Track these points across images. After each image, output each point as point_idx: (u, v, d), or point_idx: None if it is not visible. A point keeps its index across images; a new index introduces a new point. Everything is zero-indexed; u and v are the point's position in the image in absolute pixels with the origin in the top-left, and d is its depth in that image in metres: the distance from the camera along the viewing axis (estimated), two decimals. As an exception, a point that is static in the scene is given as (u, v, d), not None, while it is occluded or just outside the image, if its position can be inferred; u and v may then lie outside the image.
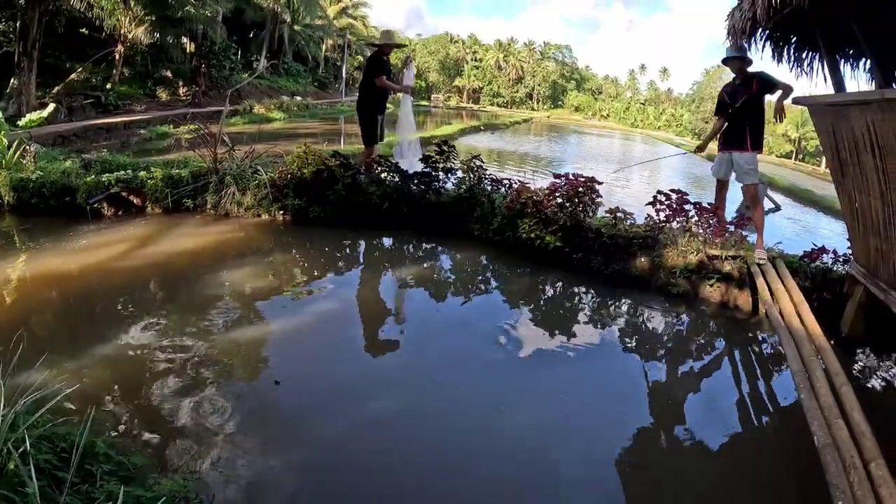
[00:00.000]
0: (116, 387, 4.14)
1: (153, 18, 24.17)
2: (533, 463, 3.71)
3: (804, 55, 6.57)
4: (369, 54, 9.46)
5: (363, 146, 9.52)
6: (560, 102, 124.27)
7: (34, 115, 10.57)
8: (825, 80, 6.16)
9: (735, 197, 7.70)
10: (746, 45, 6.44)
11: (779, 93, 6.64)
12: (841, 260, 6.49)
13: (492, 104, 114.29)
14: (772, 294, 5.68)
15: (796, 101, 6.47)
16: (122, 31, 23.45)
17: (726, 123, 7.09)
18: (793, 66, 6.65)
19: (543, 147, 32.06)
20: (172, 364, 4.48)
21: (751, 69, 6.89)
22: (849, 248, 6.16)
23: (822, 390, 3.79)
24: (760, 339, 6.02)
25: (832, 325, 5.71)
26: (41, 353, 3.97)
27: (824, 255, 6.58)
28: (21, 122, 10.45)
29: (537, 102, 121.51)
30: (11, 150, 9.30)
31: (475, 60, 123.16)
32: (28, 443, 2.28)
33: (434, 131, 25.84)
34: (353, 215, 8.47)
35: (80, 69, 23.25)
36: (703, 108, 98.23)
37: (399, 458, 3.66)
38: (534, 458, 3.76)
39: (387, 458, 3.64)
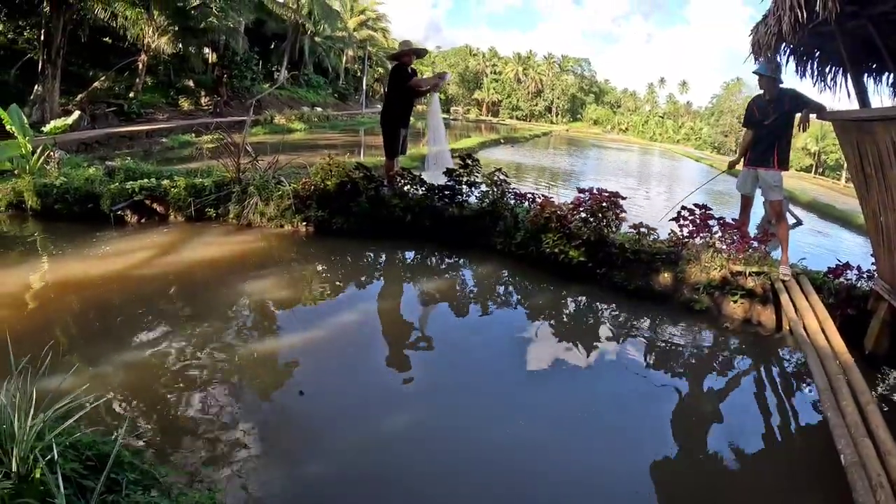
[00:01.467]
0: (140, 395, 4.19)
1: (176, 29, 24.51)
2: (555, 479, 3.72)
3: (827, 69, 6.55)
4: (391, 67, 9.48)
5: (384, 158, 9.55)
6: (579, 115, 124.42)
7: (58, 122, 10.69)
8: (848, 94, 6.14)
9: (756, 212, 7.65)
10: (779, 61, 6.44)
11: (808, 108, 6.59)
12: (865, 276, 6.43)
13: (511, 117, 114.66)
14: (796, 311, 5.66)
15: (820, 116, 6.46)
16: (146, 41, 23.80)
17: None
18: (816, 80, 6.63)
19: (563, 161, 32.07)
20: (197, 373, 4.55)
21: (782, 86, 6.82)
22: (873, 264, 6.14)
23: (847, 408, 3.78)
24: (784, 356, 6.00)
25: (856, 341, 5.68)
26: (65, 360, 4.05)
27: (848, 272, 6.53)
28: (45, 129, 10.60)
29: (556, 116, 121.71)
30: (35, 156, 9.49)
31: (494, 73, 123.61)
32: (56, 451, 2.32)
33: (454, 144, 25.90)
34: (375, 227, 8.51)
35: (103, 77, 23.56)
36: (722, 122, 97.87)
37: (420, 471, 3.69)
38: (555, 474, 3.76)
39: (407, 469, 3.67)
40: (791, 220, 7.36)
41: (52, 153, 9.79)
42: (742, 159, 7.31)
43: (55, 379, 3.30)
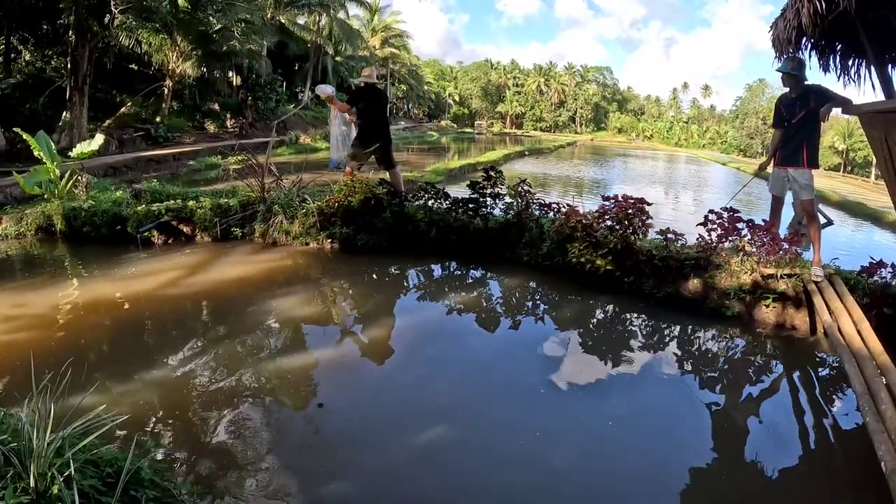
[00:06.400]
0: (163, 412, 4.21)
1: (199, 53, 24.79)
2: (585, 494, 3.66)
3: (850, 63, 6.40)
4: (369, 88, 9.86)
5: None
6: (603, 125, 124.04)
7: (85, 147, 10.85)
8: (873, 87, 5.99)
9: (785, 213, 7.51)
10: (802, 57, 6.33)
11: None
12: (900, 274, 6.30)
13: (535, 129, 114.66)
14: (830, 312, 5.53)
15: (846, 110, 6.32)
16: (170, 66, 24.11)
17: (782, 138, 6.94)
18: (840, 74, 6.48)
19: (588, 170, 31.85)
20: (220, 390, 4.57)
21: (807, 83, 6.71)
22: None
23: (887, 412, 3.66)
24: (820, 359, 5.86)
25: (892, 341, 5.51)
26: (91, 378, 4.06)
27: (882, 269, 6.38)
28: (73, 154, 10.77)
29: (580, 126, 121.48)
30: (64, 181, 9.69)
31: (516, 86, 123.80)
32: (73, 467, 2.30)
33: (479, 157, 25.90)
34: (400, 242, 8.50)
35: (129, 103, 23.87)
36: (747, 124, 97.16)
37: (442, 487, 3.63)
38: (585, 490, 3.71)
39: (430, 486, 3.62)
40: (822, 220, 7.22)
41: (80, 177, 9.96)
42: (772, 160, 7.21)
43: (80, 395, 3.30)
